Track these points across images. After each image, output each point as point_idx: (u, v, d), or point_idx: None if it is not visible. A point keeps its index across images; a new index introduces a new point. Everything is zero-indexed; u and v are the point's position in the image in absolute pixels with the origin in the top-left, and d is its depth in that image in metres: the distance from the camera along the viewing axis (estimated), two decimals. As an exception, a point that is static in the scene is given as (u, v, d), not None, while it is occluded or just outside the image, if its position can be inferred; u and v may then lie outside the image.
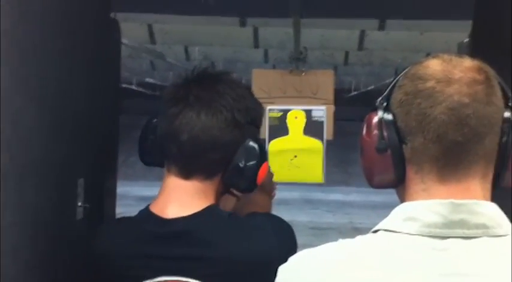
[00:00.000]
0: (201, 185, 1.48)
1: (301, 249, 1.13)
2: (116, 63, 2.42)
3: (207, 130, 1.46)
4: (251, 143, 1.50)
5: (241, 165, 1.49)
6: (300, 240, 1.55)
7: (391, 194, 1.16)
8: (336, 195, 14.12)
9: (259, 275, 1.42)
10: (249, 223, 1.50)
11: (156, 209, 1.47)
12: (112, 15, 2.37)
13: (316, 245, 1.08)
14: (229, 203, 1.61)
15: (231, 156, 1.49)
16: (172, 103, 1.49)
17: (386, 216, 1.08)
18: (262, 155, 1.51)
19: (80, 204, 1.74)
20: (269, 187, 1.73)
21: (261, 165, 1.52)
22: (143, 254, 1.45)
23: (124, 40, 3.90)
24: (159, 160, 1.54)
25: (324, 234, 9.99)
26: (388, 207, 1.13)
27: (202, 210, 1.46)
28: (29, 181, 1.42)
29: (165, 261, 1.44)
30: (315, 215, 12.03)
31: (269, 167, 1.63)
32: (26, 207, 1.42)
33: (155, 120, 1.55)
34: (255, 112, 1.55)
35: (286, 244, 1.49)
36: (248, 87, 1.59)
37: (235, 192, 1.58)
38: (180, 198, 1.47)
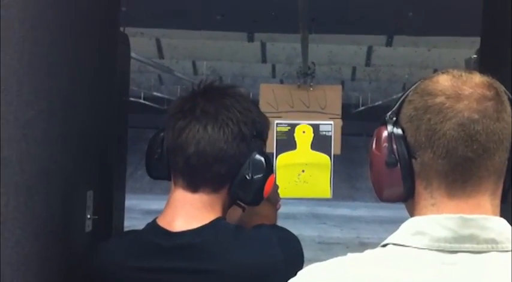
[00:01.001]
0: (207, 197, 1.48)
1: (308, 264, 1.13)
2: (124, 77, 2.43)
3: (213, 143, 1.46)
4: (257, 156, 1.50)
5: (247, 178, 1.49)
6: (307, 254, 1.55)
7: (398, 209, 1.16)
8: (343, 209, 14.09)
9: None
10: (254, 235, 1.50)
11: (163, 222, 1.47)
12: (121, 29, 2.38)
13: (324, 260, 1.08)
14: (235, 215, 1.61)
15: (238, 169, 1.49)
16: (179, 116, 1.50)
17: (393, 231, 1.08)
18: (268, 168, 1.51)
19: (89, 216, 1.74)
20: (274, 198, 1.73)
21: (267, 178, 1.52)
22: (146, 266, 1.45)
23: (133, 54, 3.93)
24: (165, 173, 1.54)
25: (331, 248, 9.96)
26: (396, 223, 1.13)
27: (209, 223, 1.46)
28: (39, 194, 1.43)
29: (168, 274, 1.44)
30: (322, 230, 12.00)
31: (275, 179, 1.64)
32: (36, 220, 1.42)
33: (162, 133, 1.55)
34: (261, 125, 1.55)
35: (291, 256, 1.48)
36: (254, 101, 1.59)
37: (241, 204, 1.58)
38: (187, 211, 1.47)
